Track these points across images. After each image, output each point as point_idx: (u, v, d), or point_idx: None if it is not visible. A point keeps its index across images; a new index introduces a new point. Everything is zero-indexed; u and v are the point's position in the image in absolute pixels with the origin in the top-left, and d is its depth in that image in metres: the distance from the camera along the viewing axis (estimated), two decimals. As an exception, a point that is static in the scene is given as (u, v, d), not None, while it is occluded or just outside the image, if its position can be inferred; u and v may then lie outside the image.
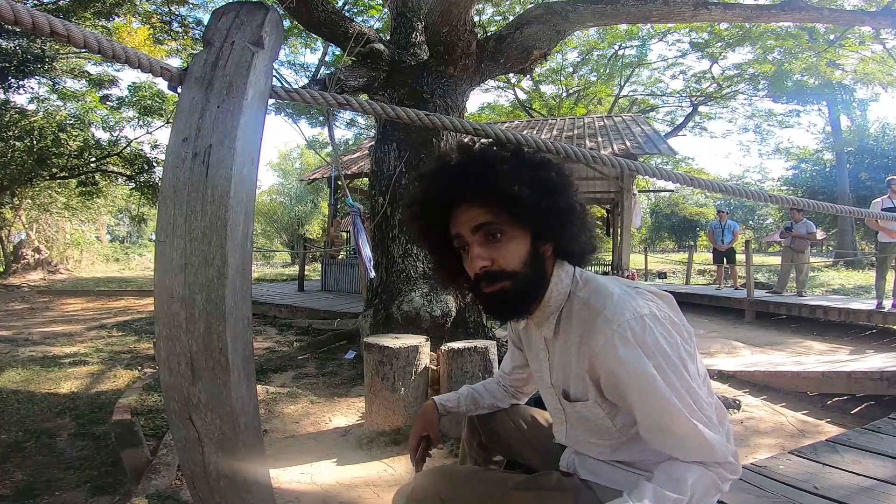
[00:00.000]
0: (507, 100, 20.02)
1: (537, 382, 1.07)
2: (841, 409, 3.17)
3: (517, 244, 0.84)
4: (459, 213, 0.85)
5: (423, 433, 1.17)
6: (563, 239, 0.86)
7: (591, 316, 0.83)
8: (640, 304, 0.81)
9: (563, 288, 0.88)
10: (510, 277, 0.83)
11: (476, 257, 0.83)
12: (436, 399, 1.22)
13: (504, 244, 0.83)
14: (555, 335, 0.90)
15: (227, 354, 0.75)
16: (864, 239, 20.09)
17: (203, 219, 0.75)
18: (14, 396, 3.38)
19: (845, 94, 16.64)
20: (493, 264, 0.83)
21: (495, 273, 0.83)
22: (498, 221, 0.83)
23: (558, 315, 0.89)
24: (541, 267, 0.87)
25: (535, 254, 0.85)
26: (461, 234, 0.86)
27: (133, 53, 0.75)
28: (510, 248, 0.83)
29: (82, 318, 7.16)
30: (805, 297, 7.19)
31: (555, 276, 0.88)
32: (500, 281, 0.84)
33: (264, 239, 26.68)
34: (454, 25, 3.62)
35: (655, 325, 0.79)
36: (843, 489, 1.48)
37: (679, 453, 0.81)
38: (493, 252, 0.83)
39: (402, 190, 4.04)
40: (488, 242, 0.84)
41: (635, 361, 0.77)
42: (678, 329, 0.83)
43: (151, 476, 2.08)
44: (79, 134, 11.55)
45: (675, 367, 0.78)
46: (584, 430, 0.94)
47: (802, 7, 4.51)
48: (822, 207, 1.36)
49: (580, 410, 0.90)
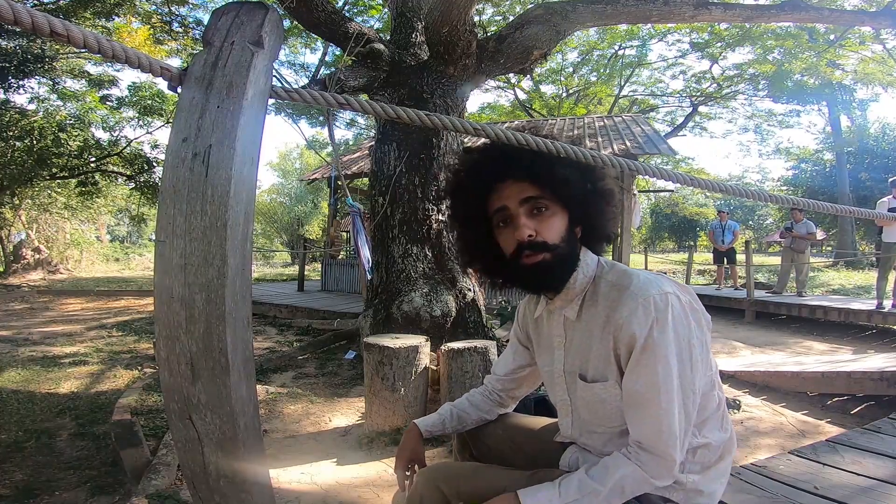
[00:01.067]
0: (507, 100, 20.03)
1: (544, 377, 1.07)
2: (841, 409, 3.17)
3: (559, 220, 0.91)
4: (505, 188, 0.91)
5: (409, 463, 1.14)
6: (594, 223, 0.93)
7: (618, 294, 0.88)
8: (665, 285, 0.87)
9: (588, 271, 0.94)
10: (551, 250, 0.89)
11: (524, 226, 0.89)
12: (418, 424, 1.17)
13: (548, 218, 0.90)
14: (578, 317, 0.94)
15: (227, 355, 0.75)
16: (864, 239, 20.09)
17: (203, 219, 0.75)
18: (14, 396, 3.38)
19: (845, 94, 16.63)
20: (537, 235, 0.89)
21: (538, 244, 0.89)
22: (544, 197, 0.90)
23: (582, 297, 0.94)
24: (574, 246, 0.93)
25: (570, 233, 0.92)
26: (506, 206, 0.91)
27: (133, 53, 0.74)
28: (553, 223, 0.90)
29: (82, 318, 7.16)
30: (805, 298, 7.19)
31: (582, 259, 0.94)
32: (542, 252, 0.89)
33: (264, 239, 26.67)
34: (454, 25, 3.62)
35: (676, 304, 0.85)
36: (843, 489, 1.48)
37: (632, 427, 0.86)
38: (537, 224, 0.89)
39: (402, 190, 4.04)
40: (533, 215, 0.90)
41: (653, 328, 0.83)
42: (696, 316, 0.88)
43: (151, 476, 2.08)
44: (79, 134, 11.55)
45: (679, 349, 0.83)
46: (593, 418, 0.95)
47: (802, 7, 4.51)
48: (822, 207, 1.36)
49: (597, 392, 0.92)
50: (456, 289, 4.00)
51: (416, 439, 1.16)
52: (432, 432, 1.17)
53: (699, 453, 0.91)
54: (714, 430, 0.93)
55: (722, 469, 0.94)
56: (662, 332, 0.82)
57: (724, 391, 0.96)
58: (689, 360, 0.84)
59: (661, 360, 0.82)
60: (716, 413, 0.93)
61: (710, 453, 0.92)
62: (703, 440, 0.90)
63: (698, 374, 0.85)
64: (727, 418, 0.96)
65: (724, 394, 0.97)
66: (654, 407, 0.82)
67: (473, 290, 4.10)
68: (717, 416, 0.94)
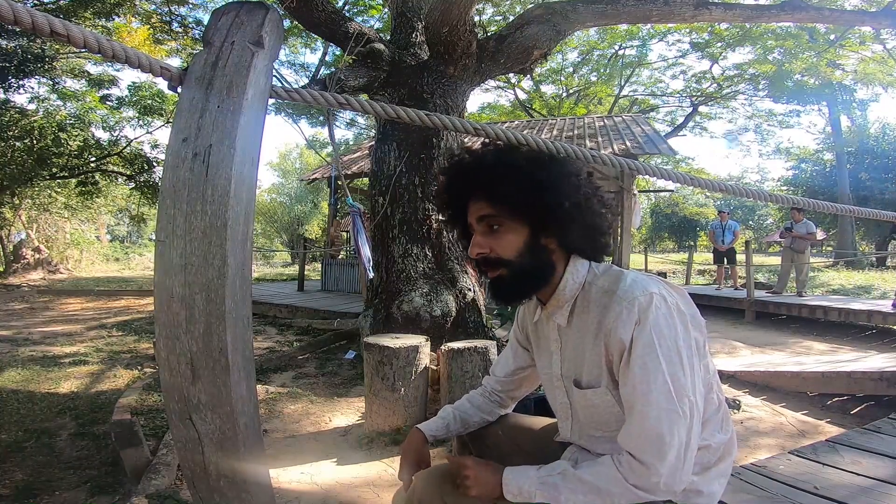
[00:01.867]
0: (508, 100, 20.02)
1: (543, 380, 1.07)
2: (841, 409, 3.17)
3: (514, 236, 0.91)
4: (470, 205, 0.95)
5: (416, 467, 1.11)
6: (564, 235, 0.92)
7: (608, 299, 0.88)
8: (651, 286, 0.87)
9: (577, 278, 0.94)
10: (506, 265, 0.91)
11: (474, 245, 0.93)
12: (422, 429, 1.15)
13: (502, 235, 0.92)
14: (568, 323, 0.95)
15: (227, 354, 0.75)
16: (864, 239, 20.08)
17: (203, 219, 0.75)
18: (14, 396, 3.38)
19: (845, 94, 16.61)
20: (490, 252, 0.92)
21: (492, 260, 0.92)
22: (497, 214, 0.91)
23: (573, 304, 0.94)
24: (541, 258, 0.93)
25: (535, 246, 0.92)
26: (471, 224, 0.96)
27: (133, 53, 0.74)
28: (507, 239, 0.91)
29: (82, 318, 7.16)
30: (805, 298, 7.19)
31: (570, 268, 0.94)
32: (498, 268, 0.92)
33: (264, 239, 26.66)
34: (454, 25, 3.62)
35: (661, 305, 0.84)
36: (843, 489, 1.48)
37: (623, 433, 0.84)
38: (491, 241, 0.92)
39: (402, 190, 4.04)
40: (488, 232, 0.93)
41: (637, 330, 0.82)
42: (684, 318, 0.87)
43: (151, 476, 2.08)
44: (79, 134, 11.53)
45: (667, 349, 0.81)
46: (591, 422, 0.95)
47: (802, 7, 4.51)
48: (822, 207, 1.36)
49: (590, 398, 0.92)
50: (456, 289, 4.00)
51: (421, 443, 1.14)
52: (436, 436, 1.16)
53: (699, 454, 0.90)
54: (714, 431, 0.92)
55: (722, 469, 0.94)
56: (643, 332, 0.82)
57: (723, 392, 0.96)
58: (679, 362, 0.81)
59: (643, 363, 0.81)
60: (715, 415, 0.93)
61: (709, 454, 0.92)
62: (703, 442, 0.90)
63: (693, 378, 0.82)
64: (728, 419, 0.96)
65: (723, 395, 0.97)
66: (639, 412, 0.81)
67: (473, 290, 4.10)
68: (717, 417, 0.94)
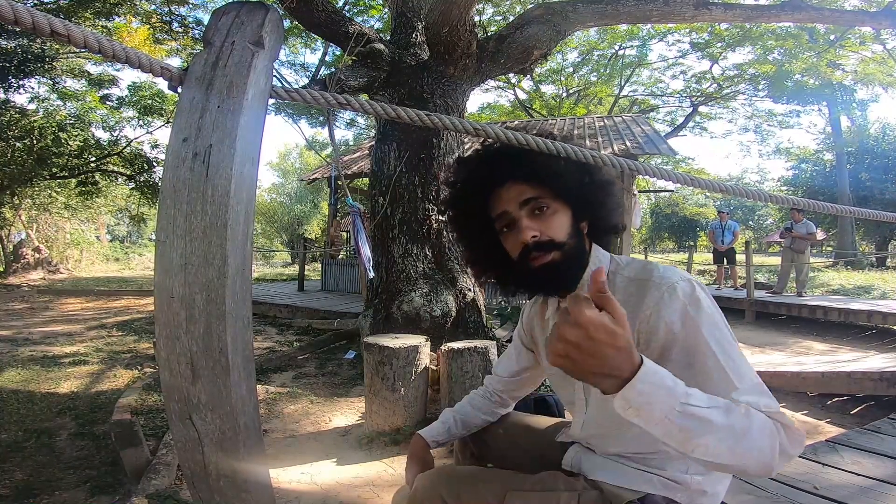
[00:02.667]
0: (508, 100, 20.02)
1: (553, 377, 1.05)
2: (841, 409, 3.17)
3: (562, 217, 0.88)
4: (503, 192, 0.89)
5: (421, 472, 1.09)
6: (598, 219, 0.91)
7: (639, 288, 0.84)
8: (685, 273, 0.85)
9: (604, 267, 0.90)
10: (559, 248, 0.87)
11: (527, 228, 0.87)
12: (424, 434, 1.15)
13: (550, 217, 0.88)
14: None
15: (227, 354, 0.75)
16: (864, 239, 20.07)
17: (203, 219, 0.75)
18: (14, 396, 3.38)
19: (845, 94, 16.61)
20: (541, 235, 0.87)
21: (544, 243, 0.86)
22: (544, 196, 0.88)
23: None
24: (582, 242, 0.91)
25: (577, 229, 0.90)
26: (507, 211, 0.89)
27: (133, 53, 0.74)
28: (557, 221, 0.88)
29: (82, 318, 7.16)
30: (805, 298, 7.19)
31: (593, 255, 0.92)
32: (550, 252, 0.87)
33: (264, 239, 26.68)
34: (454, 25, 3.62)
35: (703, 289, 0.81)
36: (842, 489, 1.48)
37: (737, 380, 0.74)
38: (541, 224, 0.87)
39: (402, 190, 4.04)
40: (535, 216, 0.88)
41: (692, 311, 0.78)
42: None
43: (151, 476, 2.08)
44: (79, 134, 11.55)
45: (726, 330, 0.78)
46: (606, 418, 0.91)
47: (802, 7, 4.51)
48: (822, 207, 1.36)
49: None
50: (456, 289, 4.00)
51: (424, 449, 1.14)
52: (439, 441, 1.15)
53: None
54: None
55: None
56: (699, 309, 0.78)
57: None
58: (734, 341, 0.78)
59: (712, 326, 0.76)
60: None
61: None
62: None
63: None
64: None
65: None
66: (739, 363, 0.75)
67: (473, 290, 4.10)
68: None
